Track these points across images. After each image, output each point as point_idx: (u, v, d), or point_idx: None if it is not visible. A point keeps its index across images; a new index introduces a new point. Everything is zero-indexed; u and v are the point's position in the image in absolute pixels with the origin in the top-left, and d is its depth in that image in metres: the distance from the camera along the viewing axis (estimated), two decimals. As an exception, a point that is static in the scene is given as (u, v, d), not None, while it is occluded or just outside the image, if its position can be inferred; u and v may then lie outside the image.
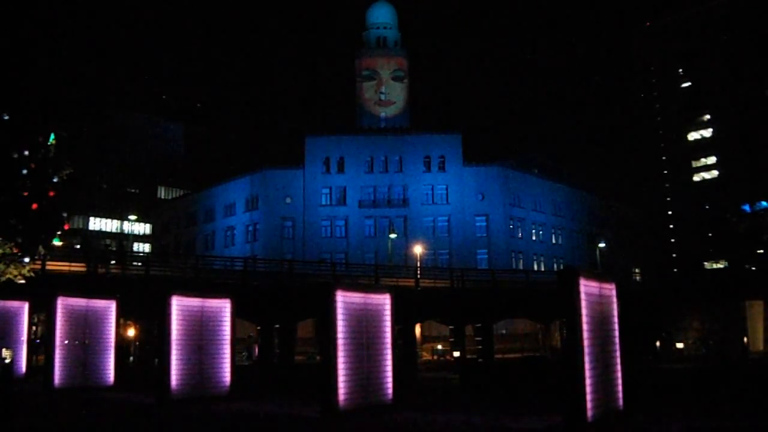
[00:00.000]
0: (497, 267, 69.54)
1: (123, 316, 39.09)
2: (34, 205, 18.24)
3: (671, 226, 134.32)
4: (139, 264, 49.16)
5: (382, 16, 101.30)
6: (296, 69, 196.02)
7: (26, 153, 18.38)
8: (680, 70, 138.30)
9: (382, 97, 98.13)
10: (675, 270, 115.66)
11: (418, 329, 61.78)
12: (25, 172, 18.23)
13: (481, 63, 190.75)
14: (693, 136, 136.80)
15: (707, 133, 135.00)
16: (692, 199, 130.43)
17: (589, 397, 12.66)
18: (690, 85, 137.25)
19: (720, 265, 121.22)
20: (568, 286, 12.71)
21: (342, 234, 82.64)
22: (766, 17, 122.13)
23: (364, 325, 17.06)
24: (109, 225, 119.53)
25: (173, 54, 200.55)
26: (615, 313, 14.42)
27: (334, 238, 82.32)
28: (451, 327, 61.79)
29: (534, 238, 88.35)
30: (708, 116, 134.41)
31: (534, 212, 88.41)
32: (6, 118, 17.99)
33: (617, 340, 14.25)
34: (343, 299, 16.68)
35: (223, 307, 21.53)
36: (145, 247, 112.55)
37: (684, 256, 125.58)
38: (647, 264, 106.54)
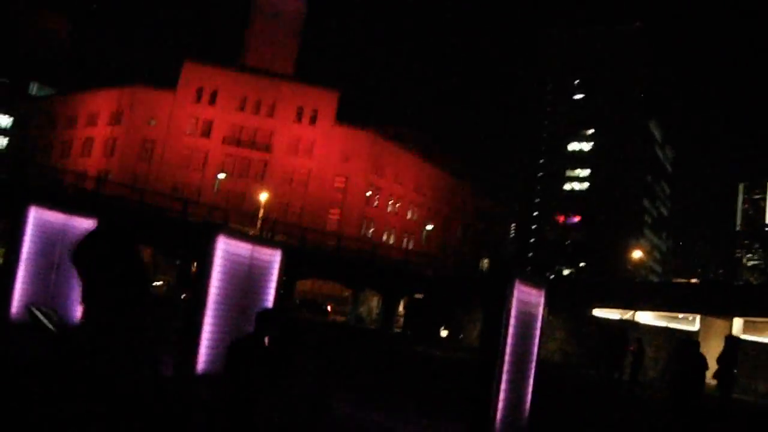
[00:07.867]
0: (346, 231, 69.57)
1: None
2: None
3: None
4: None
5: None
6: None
7: None
8: (576, 81, 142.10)
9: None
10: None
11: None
12: None
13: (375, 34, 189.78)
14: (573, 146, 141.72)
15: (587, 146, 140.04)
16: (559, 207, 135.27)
17: None
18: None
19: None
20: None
21: (199, 167, 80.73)
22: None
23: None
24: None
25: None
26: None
27: (190, 170, 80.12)
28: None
29: (389, 209, 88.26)
30: (592, 130, 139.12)
31: (395, 184, 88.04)
32: None
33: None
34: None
35: None
36: (3, 142, 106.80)
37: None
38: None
